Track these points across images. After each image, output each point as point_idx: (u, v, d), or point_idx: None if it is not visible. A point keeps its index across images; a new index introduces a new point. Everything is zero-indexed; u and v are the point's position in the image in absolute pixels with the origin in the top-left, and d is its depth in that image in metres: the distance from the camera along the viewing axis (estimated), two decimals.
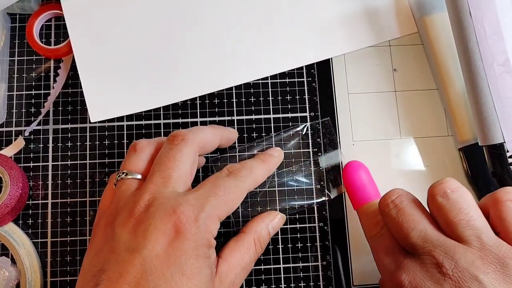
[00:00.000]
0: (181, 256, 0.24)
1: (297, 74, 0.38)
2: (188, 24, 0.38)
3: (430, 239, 0.25)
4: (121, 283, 0.23)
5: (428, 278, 0.24)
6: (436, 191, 0.26)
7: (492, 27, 0.32)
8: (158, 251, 0.24)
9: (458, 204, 0.25)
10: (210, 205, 0.26)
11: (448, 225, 0.26)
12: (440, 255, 0.24)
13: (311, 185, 0.36)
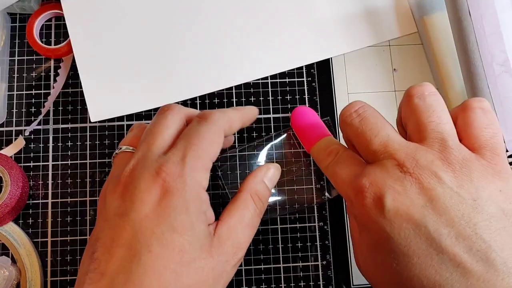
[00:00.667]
0: (170, 213, 0.24)
1: (297, 74, 0.38)
2: (188, 24, 0.38)
3: (392, 143, 0.25)
4: (114, 247, 0.24)
5: (389, 177, 0.24)
6: (414, 92, 0.26)
7: (492, 27, 0.32)
8: (147, 211, 0.24)
9: (432, 106, 0.26)
10: (190, 157, 0.26)
11: (418, 126, 0.26)
12: (401, 156, 0.24)
13: (311, 185, 0.36)
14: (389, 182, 0.24)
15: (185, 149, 0.26)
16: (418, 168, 0.24)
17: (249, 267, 0.35)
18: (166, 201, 0.24)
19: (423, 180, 0.24)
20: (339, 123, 0.29)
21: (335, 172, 0.28)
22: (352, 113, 0.28)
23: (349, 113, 0.28)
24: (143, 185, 0.25)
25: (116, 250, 0.24)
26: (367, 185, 0.25)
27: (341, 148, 0.30)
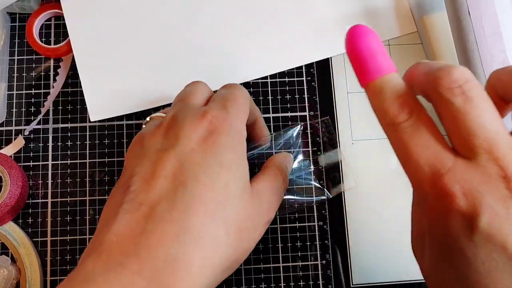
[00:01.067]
0: (217, 149, 0.24)
1: (297, 73, 0.38)
2: (188, 23, 0.38)
3: (500, 144, 0.19)
4: (156, 178, 0.23)
5: (489, 193, 0.19)
6: None
7: (491, 27, 0.32)
8: (193, 145, 0.24)
9: None
10: (230, 106, 0.27)
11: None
12: (510, 167, 0.19)
13: (310, 184, 0.36)
14: (489, 200, 0.19)
15: (224, 101, 0.27)
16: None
17: (248, 266, 0.35)
18: (214, 138, 0.25)
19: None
20: (424, 81, 0.22)
21: (407, 143, 0.21)
22: (454, 88, 0.20)
23: (449, 86, 0.20)
24: (188, 124, 0.25)
25: (158, 181, 0.23)
26: (459, 195, 0.19)
27: (417, 106, 0.22)
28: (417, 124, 0.21)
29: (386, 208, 0.36)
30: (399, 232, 0.26)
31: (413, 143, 0.20)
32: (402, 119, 0.21)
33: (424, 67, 0.22)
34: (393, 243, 0.35)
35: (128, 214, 0.22)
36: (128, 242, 0.22)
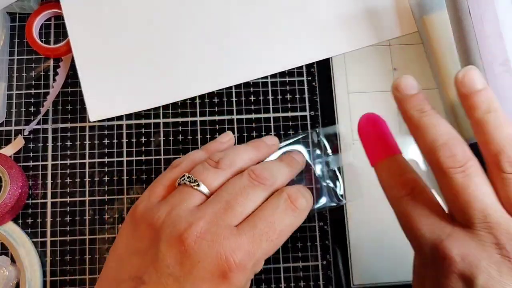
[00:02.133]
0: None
1: (297, 73, 0.38)
2: (188, 23, 0.38)
3: (493, 216, 0.22)
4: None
5: (485, 258, 0.21)
6: (506, 166, 0.22)
7: (492, 27, 0.32)
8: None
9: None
10: (261, 251, 0.25)
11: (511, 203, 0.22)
12: (502, 235, 0.22)
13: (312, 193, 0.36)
14: (484, 263, 0.21)
15: (261, 241, 0.25)
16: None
17: None
18: (222, 287, 0.24)
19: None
20: (428, 158, 0.24)
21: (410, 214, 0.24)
22: (457, 167, 0.23)
23: (452, 164, 0.23)
24: (208, 265, 0.24)
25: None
26: (458, 259, 0.22)
27: (419, 182, 0.25)
28: (418, 198, 0.24)
29: (387, 208, 0.36)
30: (400, 233, 0.26)
31: (415, 214, 0.24)
32: (405, 193, 0.25)
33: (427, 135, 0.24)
34: (393, 244, 0.35)
35: None
36: None
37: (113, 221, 0.35)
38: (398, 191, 0.25)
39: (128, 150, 0.36)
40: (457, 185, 0.23)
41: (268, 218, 0.26)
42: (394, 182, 0.26)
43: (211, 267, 0.24)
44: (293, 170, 0.31)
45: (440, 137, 0.24)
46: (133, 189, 0.36)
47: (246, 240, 0.24)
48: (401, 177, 0.25)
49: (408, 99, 0.26)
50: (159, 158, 0.36)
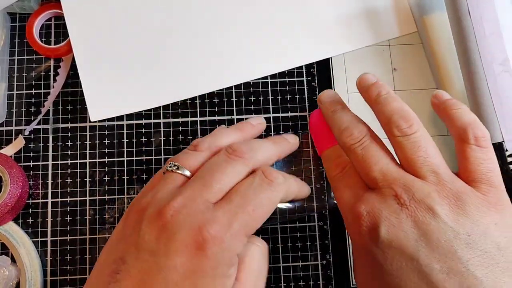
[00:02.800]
0: (198, 272, 0.24)
1: (297, 73, 0.38)
2: (188, 23, 0.38)
3: (390, 173, 0.26)
4: (138, 280, 0.24)
5: (385, 208, 0.25)
6: (396, 132, 0.27)
7: (491, 27, 0.32)
8: (177, 263, 0.24)
9: (417, 142, 0.26)
10: (238, 223, 0.25)
11: (406, 162, 0.27)
12: (398, 188, 0.25)
13: (312, 194, 0.36)
14: (385, 213, 0.25)
15: (237, 213, 0.25)
16: (414, 201, 0.25)
17: None
18: (198, 260, 0.24)
19: (418, 214, 0.24)
20: (340, 145, 0.30)
21: (338, 188, 0.29)
22: (355, 142, 0.28)
23: (351, 140, 0.29)
24: (182, 237, 0.24)
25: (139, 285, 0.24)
26: (365, 213, 0.26)
27: (348, 163, 0.30)
28: (345, 174, 0.29)
29: None
30: None
31: (341, 186, 0.29)
32: (338, 172, 0.30)
33: (335, 125, 0.31)
34: None
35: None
36: None
37: (113, 220, 0.35)
38: (333, 171, 0.30)
39: (128, 150, 0.36)
40: (359, 156, 0.28)
41: (243, 192, 0.26)
42: (331, 164, 0.31)
43: (186, 239, 0.24)
44: (278, 148, 0.31)
45: (343, 124, 0.30)
46: (133, 189, 0.36)
47: (222, 213, 0.25)
48: (335, 160, 0.31)
49: (325, 105, 0.32)
50: (160, 158, 0.36)
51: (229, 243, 0.25)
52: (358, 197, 0.27)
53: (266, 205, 0.26)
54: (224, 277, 0.25)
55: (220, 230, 0.24)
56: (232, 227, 0.25)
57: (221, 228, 0.24)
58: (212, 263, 0.24)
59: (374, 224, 0.25)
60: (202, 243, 0.24)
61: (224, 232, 0.24)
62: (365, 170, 0.27)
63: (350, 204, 0.27)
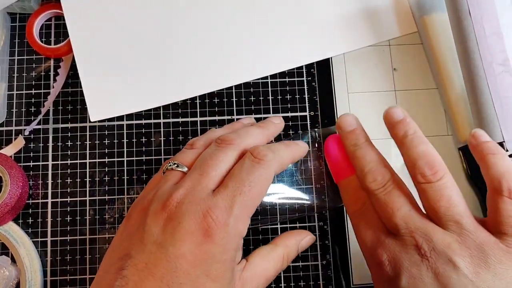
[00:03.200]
0: (207, 259, 0.25)
1: (297, 73, 0.38)
2: (188, 23, 0.38)
3: (412, 221, 0.26)
4: (147, 273, 0.24)
5: (407, 259, 0.25)
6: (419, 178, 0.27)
7: (492, 27, 0.32)
8: (185, 251, 0.24)
9: (441, 191, 0.26)
10: (238, 206, 0.26)
11: (430, 210, 0.26)
12: (420, 237, 0.25)
13: (312, 194, 0.36)
14: (406, 264, 0.25)
15: (234, 196, 0.26)
16: (434, 252, 0.24)
17: None
18: (206, 246, 0.25)
19: (438, 266, 0.24)
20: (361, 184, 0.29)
21: (358, 226, 0.29)
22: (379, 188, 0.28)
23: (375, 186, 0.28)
24: (188, 224, 0.25)
25: (148, 277, 0.24)
26: (386, 262, 0.26)
27: (367, 199, 0.30)
28: (365, 213, 0.29)
29: None
30: None
31: (361, 226, 0.29)
32: (357, 208, 0.30)
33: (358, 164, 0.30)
34: None
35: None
36: None
37: (113, 221, 0.35)
38: (353, 206, 0.30)
39: (128, 150, 0.36)
40: (382, 201, 0.28)
41: (236, 175, 0.27)
42: (350, 197, 0.31)
43: (191, 227, 0.25)
44: (265, 131, 0.32)
45: (367, 165, 0.29)
46: (133, 189, 0.36)
47: (221, 199, 0.26)
48: (355, 193, 0.30)
49: (347, 135, 0.31)
50: (160, 158, 0.36)
51: (233, 227, 0.25)
52: (379, 242, 0.27)
53: (260, 183, 0.27)
54: (233, 262, 0.26)
55: (223, 214, 0.25)
56: (233, 210, 0.25)
57: (223, 213, 0.25)
58: (220, 248, 0.25)
59: (396, 273, 0.25)
60: (208, 229, 0.25)
61: (227, 216, 0.25)
62: (386, 215, 0.27)
63: (371, 247, 0.28)
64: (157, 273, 0.24)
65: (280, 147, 0.30)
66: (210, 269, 0.25)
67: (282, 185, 0.35)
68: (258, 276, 0.28)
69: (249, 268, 0.28)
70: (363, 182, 0.29)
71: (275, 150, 0.29)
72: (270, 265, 0.29)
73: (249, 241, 0.35)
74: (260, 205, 0.35)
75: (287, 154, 0.30)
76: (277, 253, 0.30)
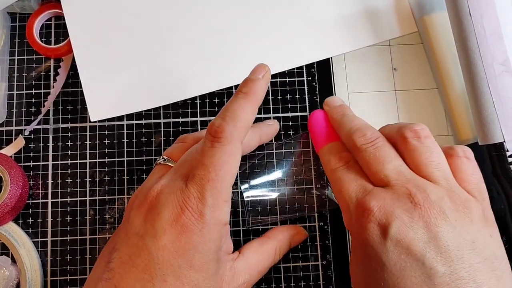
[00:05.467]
0: (189, 249, 0.25)
1: (297, 73, 0.38)
2: (188, 23, 0.38)
3: (404, 173, 0.26)
4: (130, 265, 0.25)
5: (398, 206, 0.25)
6: (411, 135, 0.27)
7: (492, 27, 0.32)
8: (166, 242, 0.25)
9: (431, 148, 0.27)
10: (209, 194, 0.25)
11: (419, 166, 0.27)
12: (413, 187, 0.25)
13: (312, 193, 0.36)
14: (398, 211, 0.25)
15: (203, 185, 0.25)
16: (428, 202, 0.25)
17: None
18: (186, 237, 0.25)
19: (431, 215, 0.24)
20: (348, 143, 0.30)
21: (341, 179, 0.29)
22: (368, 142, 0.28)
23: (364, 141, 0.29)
24: (167, 215, 0.25)
25: (132, 269, 0.25)
26: (375, 209, 0.25)
27: (353, 159, 0.30)
28: (350, 168, 0.29)
29: None
30: None
31: (346, 178, 0.28)
32: (341, 164, 0.30)
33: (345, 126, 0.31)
34: None
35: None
36: None
37: (113, 221, 0.35)
38: (335, 163, 0.30)
39: (128, 150, 0.36)
40: (370, 155, 0.28)
41: (199, 161, 0.26)
42: (333, 157, 0.31)
43: (170, 217, 0.25)
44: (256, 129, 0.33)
45: (354, 125, 0.30)
46: (133, 189, 0.36)
47: (192, 189, 0.26)
48: (338, 154, 0.31)
49: (335, 108, 0.34)
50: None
51: (210, 216, 0.25)
52: (366, 191, 0.27)
53: (226, 163, 0.26)
54: (218, 252, 0.26)
55: (197, 205, 0.25)
56: (206, 200, 0.25)
57: (198, 203, 0.25)
58: (200, 239, 0.25)
59: (385, 221, 0.25)
60: (186, 220, 0.25)
61: (202, 207, 0.25)
62: (376, 169, 0.27)
63: (357, 197, 0.27)
64: (139, 264, 0.24)
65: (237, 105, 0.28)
66: (192, 259, 0.25)
67: (282, 185, 0.36)
68: (252, 268, 0.29)
69: (241, 260, 0.28)
70: (350, 140, 0.29)
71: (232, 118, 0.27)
72: (263, 257, 0.30)
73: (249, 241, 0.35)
74: (260, 205, 0.35)
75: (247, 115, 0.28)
76: (269, 246, 0.30)
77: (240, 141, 0.27)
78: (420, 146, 0.27)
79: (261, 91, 0.29)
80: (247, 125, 0.28)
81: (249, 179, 0.36)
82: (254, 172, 0.36)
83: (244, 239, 0.35)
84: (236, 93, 0.29)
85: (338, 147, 0.32)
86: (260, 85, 0.29)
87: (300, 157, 0.36)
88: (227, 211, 0.26)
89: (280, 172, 0.36)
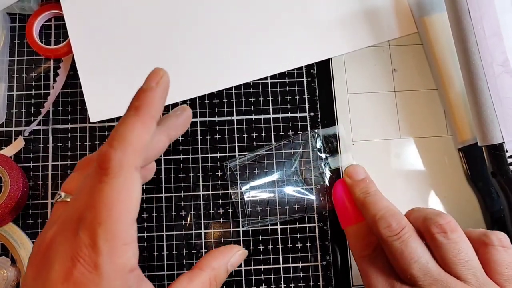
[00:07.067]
0: None
1: (297, 74, 0.38)
2: (188, 24, 0.38)
3: (431, 273, 0.26)
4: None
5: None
6: (436, 230, 0.27)
7: (491, 28, 0.32)
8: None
9: (458, 244, 0.26)
10: (103, 239, 0.20)
11: (447, 263, 0.26)
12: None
13: (312, 194, 0.36)
14: None
15: (93, 228, 0.21)
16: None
17: (248, 267, 0.35)
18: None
19: None
20: (373, 230, 0.29)
21: (369, 272, 0.29)
22: (394, 235, 0.28)
23: (389, 233, 0.28)
24: (57, 271, 0.21)
25: None
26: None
27: (379, 246, 0.30)
28: (376, 259, 0.29)
29: None
30: None
31: (372, 271, 0.29)
32: (367, 253, 0.30)
33: (369, 211, 0.30)
34: None
35: None
36: None
37: None
38: (362, 251, 0.30)
39: None
40: (396, 250, 0.27)
41: (87, 201, 0.21)
42: (359, 244, 0.31)
43: (60, 274, 0.21)
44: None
45: (378, 212, 0.29)
46: None
47: (83, 235, 0.21)
48: (364, 240, 0.31)
49: (357, 183, 0.33)
50: (159, 158, 0.36)
51: (107, 267, 0.21)
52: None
53: (116, 202, 0.21)
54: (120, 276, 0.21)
55: (90, 255, 0.21)
56: (99, 248, 0.20)
57: (90, 253, 0.21)
58: (96, 282, 0.21)
59: None
60: (78, 275, 0.20)
61: (96, 255, 0.20)
62: (402, 265, 0.27)
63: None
64: None
65: (126, 133, 0.22)
66: None
67: (282, 186, 0.36)
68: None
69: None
70: (375, 228, 0.29)
71: (120, 142, 0.22)
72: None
73: (249, 241, 0.35)
74: (260, 205, 0.35)
75: (139, 135, 0.22)
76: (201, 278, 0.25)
77: (135, 167, 0.22)
78: (447, 242, 0.26)
79: (157, 102, 0.24)
80: (140, 147, 0.22)
81: (249, 179, 0.36)
82: (254, 173, 0.36)
83: (244, 239, 0.35)
84: (127, 109, 0.24)
85: (364, 230, 0.31)
86: (154, 96, 0.24)
87: (300, 157, 0.36)
88: (132, 254, 0.21)
89: (280, 172, 0.36)
